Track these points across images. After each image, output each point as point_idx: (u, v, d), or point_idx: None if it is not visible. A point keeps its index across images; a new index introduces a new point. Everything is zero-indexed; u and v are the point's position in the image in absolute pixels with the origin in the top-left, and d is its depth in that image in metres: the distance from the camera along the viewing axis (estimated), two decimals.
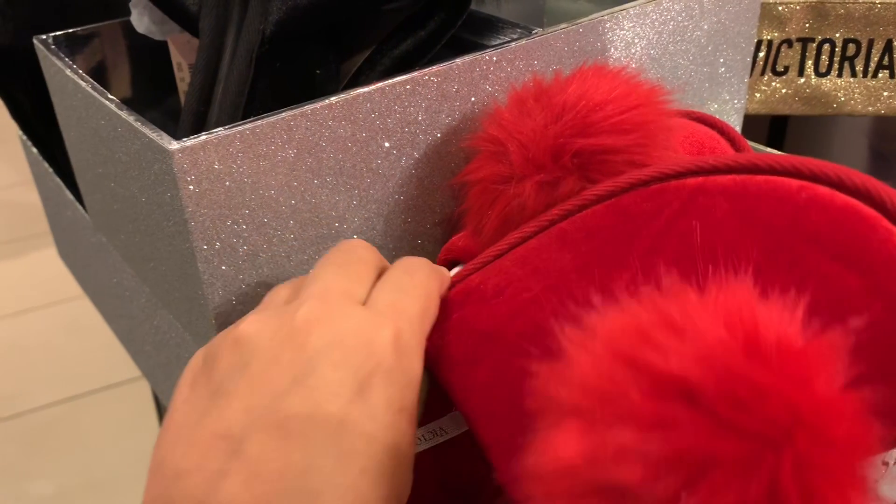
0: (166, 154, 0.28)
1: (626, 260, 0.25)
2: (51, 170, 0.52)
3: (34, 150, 0.53)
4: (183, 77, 0.41)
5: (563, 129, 0.30)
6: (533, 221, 0.30)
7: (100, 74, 0.46)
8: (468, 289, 0.28)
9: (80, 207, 0.48)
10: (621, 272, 0.25)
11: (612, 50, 0.41)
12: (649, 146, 0.30)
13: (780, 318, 0.20)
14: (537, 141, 0.30)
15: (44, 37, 0.42)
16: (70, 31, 0.43)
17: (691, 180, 0.26)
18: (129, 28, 0.43)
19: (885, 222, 0.23)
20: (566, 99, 0.31)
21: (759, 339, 0.19)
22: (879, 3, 0.53)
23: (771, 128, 0.63)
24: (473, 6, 0.41)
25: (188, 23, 0.38)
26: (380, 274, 0.28)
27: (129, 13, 0.42)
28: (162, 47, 0.43)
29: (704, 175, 0.26)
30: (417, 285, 0.27)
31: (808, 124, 0.66)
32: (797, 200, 0.24)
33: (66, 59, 0.39)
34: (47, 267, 1.28)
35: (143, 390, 1.13)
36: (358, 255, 0.28)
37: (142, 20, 0.39)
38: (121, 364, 1.15)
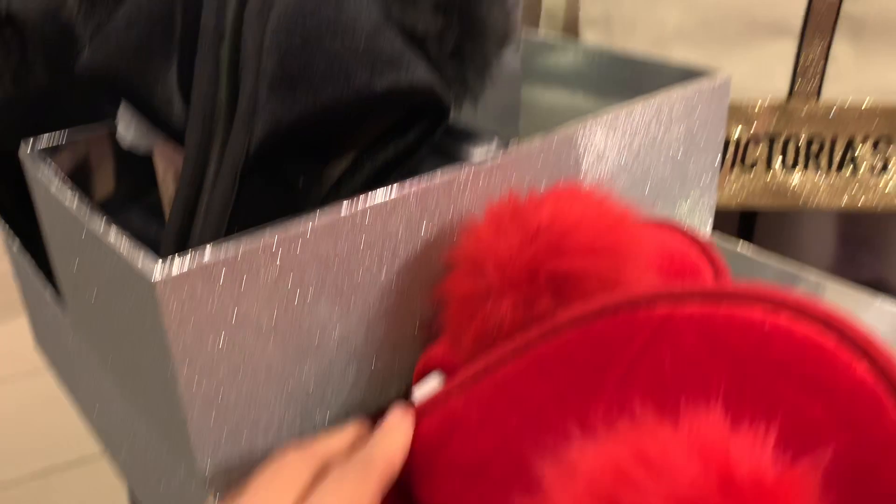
0: (150, 283, 0.29)
1: (601, 390, 0.26)
2: (32, 264, 0.52)
3: (14, 247, 0.53)
4: (167, 187, 0.42)
5: (538, 250, 0.31)
6: (511, 342, 0.30)
7: (84, 175, 0.47)
8: (453, 422, 0.29)
9: (60, 305, 0.48)
10: (597, 403, 0.26)
11: (586, 159, 0.42)
12: (621, 269, 0.31)
13: (752, 453, 0.21)
14: (513, 261, 0.31)
15: (29, 144, 0.43)
16: (55, 137, 0.44)
17: (660, 309, 0.27)
18: (114, 133, 0.44)
19: (845, 352, 0.24)
20: (540, 221, 0.32)
21: (732, 475, 0.20)
22: (838, 108, 0.56)
23: (741, 218, 0.65)
24: (452, 111, 0.43)
25: (174, 134, 0.39)
26: (325, 468, 0.29)
27: (115, 115, 0.43)
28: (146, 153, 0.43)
29: (673, 302, 0.27)
30: (343, 491, 0.27)
31: (778, 213, 0.68)
32: (760, 331, 0.25)
33: (51, 169, 0.39)
34: (18, 338, 1.27)
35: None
36: (283, 464, 0.29)
37: (128, 131, 0.40)
38: (91, 438, 1.13)
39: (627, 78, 0.53)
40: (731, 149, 0.58)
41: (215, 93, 0.37)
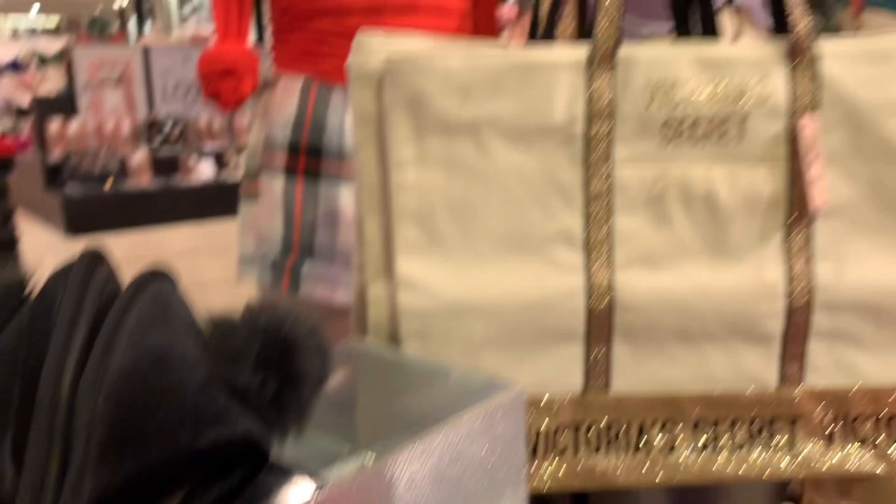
0: None
1: None
2: None
3: None
4: None
5: None
6: None
7: None
8: None
9: None
10: None
11: (399, 485, 0.47)
12: None
13: None
14: None
15: None
16: None
17: None
18: None
19: None
20: None
21: None
22: (626, 398, 0.65)
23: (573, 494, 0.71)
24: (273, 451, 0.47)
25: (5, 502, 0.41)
26: None
27: None
28: None
29: None
30: None
31: None
32: None
33: None
34: None
35: None
36: None
37: None
38: None
39: (438, 388, 0.60)
40: (543, 439, 0.65)
41: (47, 463, 0.41)
